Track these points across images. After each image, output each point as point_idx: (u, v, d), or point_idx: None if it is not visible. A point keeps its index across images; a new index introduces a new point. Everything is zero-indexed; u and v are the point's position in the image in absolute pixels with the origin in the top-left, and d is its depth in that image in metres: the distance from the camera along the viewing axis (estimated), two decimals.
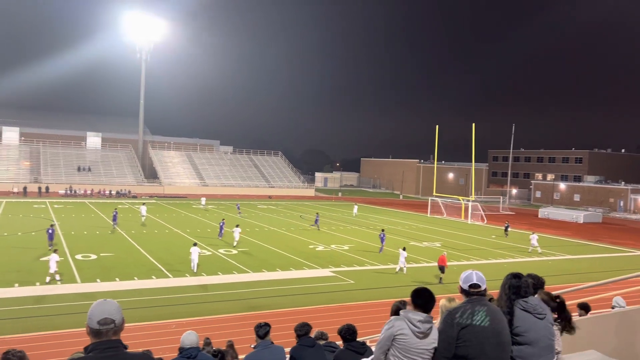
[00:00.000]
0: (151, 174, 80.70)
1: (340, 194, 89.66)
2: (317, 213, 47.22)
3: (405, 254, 26.42)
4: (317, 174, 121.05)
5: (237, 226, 32.84)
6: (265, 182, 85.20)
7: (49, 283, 21.12)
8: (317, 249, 32.35)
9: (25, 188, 61.89)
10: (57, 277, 21.74)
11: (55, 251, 22.40)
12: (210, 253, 29.12)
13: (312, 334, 6.59)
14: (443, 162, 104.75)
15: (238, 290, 21.51)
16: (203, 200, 58.64)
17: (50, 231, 28.91)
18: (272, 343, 6.24)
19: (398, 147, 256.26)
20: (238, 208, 51.93)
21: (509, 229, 43.64)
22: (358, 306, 19.76)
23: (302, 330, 6.37)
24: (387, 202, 77.53)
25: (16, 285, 20.62)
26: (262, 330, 6.29)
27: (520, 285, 4.11)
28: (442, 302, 4.32)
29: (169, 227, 39.59)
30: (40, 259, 25.57)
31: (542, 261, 31.81)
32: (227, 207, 57.76)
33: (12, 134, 78.83)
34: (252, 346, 6.41)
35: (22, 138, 79.13)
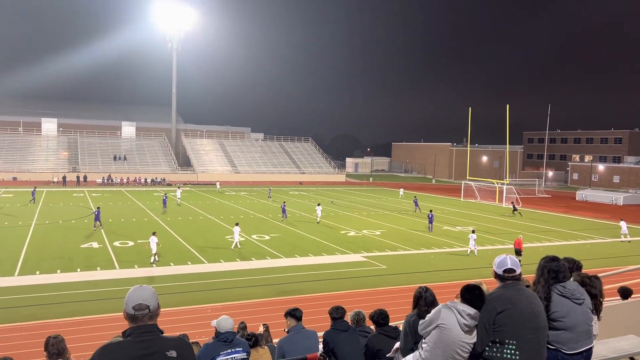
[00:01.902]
0: (185, 162, 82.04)
1: (371, 179, 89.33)
2: (415, 197, 50.29)
3: (474, 236, 27.04)
4: (348, 160, 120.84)
5: (318, 205, 38.35)
6: (296, 168, 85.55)
7: (153, 263, 22.91)
8: (348, 234, 32.40)
9: (64, 177, 63.87)
10: (153, 258, 23.18)
11: (154, 234, 23.98)
12: (243, 239, 29.50)
13: (348, 316, 6.63)
14: (477, 145, 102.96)
15: (271, 275, 21.77)
16: (218, 185, 62.75)
17: (96, 212, 32.27)
18: (304, 327, 6.31)
19: (430, 131, 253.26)
20: (269, 192, 55.01)
21: (517, 209, 45.16)
22: (390, 291, 19.75)
23: (337, 314, 6.41)
24: (419, 187, 76.83)
25: (58, 271, 21.38)
26: (299, 312, 6.39)
27: (559, 269, 4.02)
28: None
29: (203, 213, 40.26)
30: (81, 246, 26.43)
31: (579, 244, 31.07)
32: (259, 193, 58.29)
33: (50, 125, 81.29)
34: (286, 330, 6.49)
35: (60, 129, 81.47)
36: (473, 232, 27.74)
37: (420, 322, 3.87)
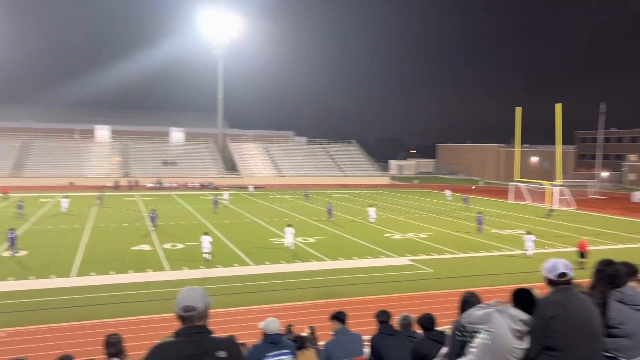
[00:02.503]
0: (231, 166, 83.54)
1: (416, 182, 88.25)
2: (464, 196, 51.41)
3: (532, 237, 26.57)
4: (392, 162, 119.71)
5: (370, 206, 39.43)
6: (340, 171, 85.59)
7: (207, 259, 24.11)
8: (393, 237, 32.12)
9: (116, 182, 66.23)
10: (208, 256, 24.29)
11: (205, 234, 25.27)
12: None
13: (395, 320, 6.59)
14: (526, 145, 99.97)
15: (316, 278, 21.84)
16: (251, 188, 64.71)
17: (152, 215, 34.63)
18: (349, 330, 6.31)
19: (476, 131, 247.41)
20: (306, 195, 56.55)
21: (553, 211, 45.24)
22: (437, 295, 19.45)
23: (384, 317, 6.39)
24: (466, 189, 75.30)
25: (112, 272, 22.19)
26: (343, 315, 6.41)
27: (616, 274, 3.86)
28: None
29: (249, 216, 40.86)
30: (132, 248, 27.34)
31: (636, 248, 29.66)
32: (302, 196, 58.58)
33: (103, 132, 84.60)
34: (332, 333, 6.51)
35: (113, 135, 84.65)
36: (529, 233, 27.04)
37: (466, 313, 3.79)
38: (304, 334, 10.24)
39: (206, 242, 24.52)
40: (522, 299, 3.58)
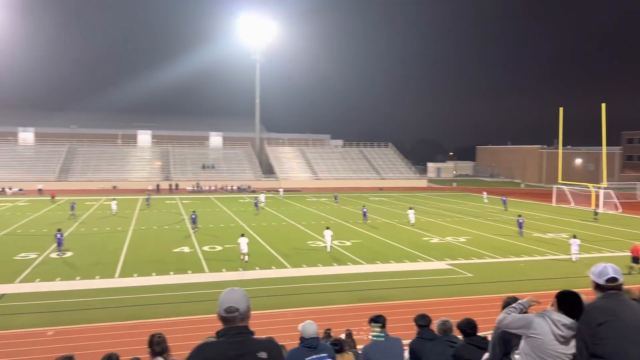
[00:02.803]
0: (268, 170, 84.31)
1: (455, 184, 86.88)
2: (504, 197, 52.01)
3: (577, 241, 26.03)
4: (430, 164, 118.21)
5: (410, 208, 39.43)
6: (376, 174, 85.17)
7: (247, 261, 24.54)
8: (431, 241, 31.71)
9: (158, 185, 67.87)
10: (246, 257, 24.80)
11: (242, 235, 25.91)
12: (324, 245, 29.75)
13: (434, 325, 6.51)
14: (569, 146, 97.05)
15: (353, 281, 21.78)
16: (281, 191, 65.38)
17: (193, 216, 35.84)
18: (389, 334, 6.25)
19: (517, 133, 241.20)
20: (336, 198, 56.24)
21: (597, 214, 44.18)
22: (477, 300, 19.08)
23: (423, 322, 6.31)
24: (507, 192, 73.60)
25: (153, 274, 22.72)
26: (382, 319, 6.36)
27: None
28: None
29: (286, 219, 41.12)
30: (173, 250, 27.92)
31: None
32: (333, 198, 58.52)
33: (145, 137, 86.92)
34: (370, 337, 6.47)
35: (154, 140, 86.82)
36: (575, 237, 26.35)
37: (501, 316, 3.69)
38: (342, 336, 10.24)
39: (244, 243, 24.96)
40: (569, 302, 3.46)
